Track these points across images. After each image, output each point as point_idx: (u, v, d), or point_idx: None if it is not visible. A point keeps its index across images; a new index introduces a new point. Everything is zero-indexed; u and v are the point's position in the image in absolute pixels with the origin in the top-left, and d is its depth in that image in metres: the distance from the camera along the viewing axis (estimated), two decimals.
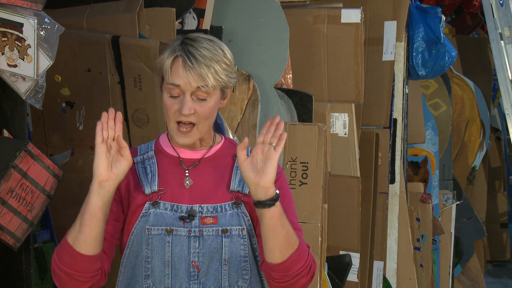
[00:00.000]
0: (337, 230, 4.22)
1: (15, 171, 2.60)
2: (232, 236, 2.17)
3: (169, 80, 2.14)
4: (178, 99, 2.14)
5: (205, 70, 2.11)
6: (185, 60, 2.11)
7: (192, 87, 2.12)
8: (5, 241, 2.62)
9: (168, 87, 2.14)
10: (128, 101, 3.24)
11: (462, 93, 6.52)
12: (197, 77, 2.11)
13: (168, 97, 2.15)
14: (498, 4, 5.66)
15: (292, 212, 2.23)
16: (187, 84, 2.12)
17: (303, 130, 3.68)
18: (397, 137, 4.72)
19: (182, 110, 2.12)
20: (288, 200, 2.23)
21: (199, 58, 2.11)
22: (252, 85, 3.53)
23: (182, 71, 2.11)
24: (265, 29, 3.69)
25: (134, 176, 2.21)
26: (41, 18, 2.54)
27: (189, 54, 2.11)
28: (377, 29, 4.59)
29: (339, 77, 4.23)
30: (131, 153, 2.19)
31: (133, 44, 3.17)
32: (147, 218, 2.17)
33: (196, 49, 2.12)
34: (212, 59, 2.12)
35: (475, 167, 6.77)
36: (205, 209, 2.18)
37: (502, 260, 7.64)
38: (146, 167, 2.22)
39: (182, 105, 2.12)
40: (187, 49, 2.12)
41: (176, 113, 2.14)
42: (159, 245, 2.16)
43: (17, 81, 2.57)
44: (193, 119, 2.14)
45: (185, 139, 2.17)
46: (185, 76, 2.11)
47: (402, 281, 4.75)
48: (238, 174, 2.19)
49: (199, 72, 2.11)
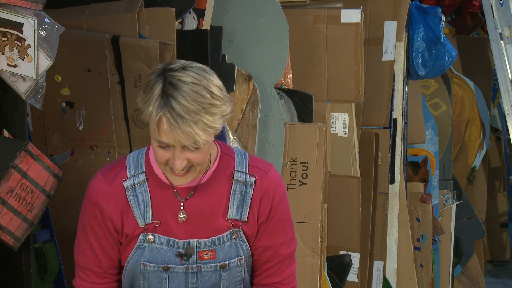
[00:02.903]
0: (337, 230, 4.22)
1: (15, 171, 2.60)
2: (231, 269, 2.13)
3: (157, 137, 1.96)
4: (169, 150, 1.98)
5: (193, 128, 1.92)
6: (170, 120, 1.92)
7: (181, 143, 1.95)
8: (5, 241, 2.62)
9: (157, 140, 1.98)
10: (128, 101, 3.24)
11: (462, 93, 6.52)
12: (186, 137, 1.93)
13: (157, 147, 1.99)
14: (498, 4, 5.66)
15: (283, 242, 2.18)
16: (176, 142, 1.95)
17: (303, 130, 3.68)
18: (397, 137, 4.72)
19: (175, 166, 1.98)
20: (281, 230, 2.17)
21: (185, 115, 1.92)
22: (252, 85, 3.53)
23: (169, 132, 1.93)
24: (265, 29, 3.69)
25: (125, 204, 2.10)
26: (41, 18, 2.54)
27: (172, 112, 1.91)
28: (377, 29, 4.59)
29: (339, 77, 4.23)
30: (119, 171, 2.11)
31: (133, 44, 3.17)
32: (142, 252, 2.10)
33: (179, 102, 1.91)
34: (199, 111, 1.93)
35: (475, 167, 6.77)
36: (202, 244, 2.10)
37: (502, 260, 7.64)
38: (137, 195, 2.10)
39: (174, 160, 1.98)
40: (169, 104, 1.91)
41: (169, 164, 2.00)
42: (156, 280, 2.11)
43: (17, 81, 2.57)
44: (188, 165, 2.01)
45: (181, 181, 2.04)
46: (173, 136, 1.94)
47: (402, 281, 4.75)
48: (236, 200, 2.11)
49: (187, 132, 1.92)
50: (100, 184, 2.11)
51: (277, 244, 2.17)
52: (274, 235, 2.16)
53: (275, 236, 2.17)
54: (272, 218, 2.15)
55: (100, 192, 2.10)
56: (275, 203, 2.15)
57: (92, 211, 2.11)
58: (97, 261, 2.12)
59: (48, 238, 3.07)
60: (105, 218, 2.10)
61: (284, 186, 2.22)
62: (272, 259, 2.18)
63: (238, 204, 2.11)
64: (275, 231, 2.17)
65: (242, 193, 2.12)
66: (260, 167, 2.16)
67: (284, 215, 2.18)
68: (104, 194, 2.10)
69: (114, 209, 2.09)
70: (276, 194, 2.15)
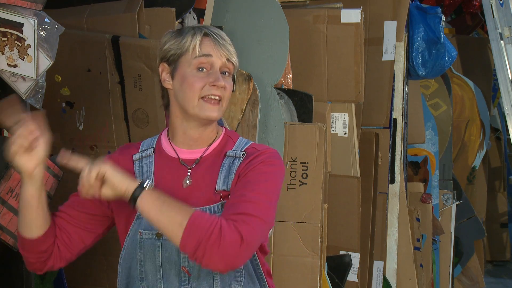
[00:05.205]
0: (337, 230, 4.22)
1: (15, 171, 2.60)
2: None
3: (198, 53, 2.15)
4: (205, 73, 2.15)
5: (230, 47, 2.19)
6: (215, 37, 2.17)
7: (222, 59, 2.16)
8: (5, 241, 2.62)
9: (198, 59, 2.15)
10: (128, 101, 3.24)
11: (462, 93, 6.52)
12: (226, 51, 2.17)
13: (195, 72, 2.15)
14: (498, 4, 5.66)
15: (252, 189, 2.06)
16: (218, 56, 2.16)
17: (303, 130, 3.68)
18: (397, 137, 4.72)
19: (218, 81, 2.14)
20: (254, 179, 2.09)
21: (224, 37, 2.19)
22: (252, 85, 3.53)
23: (214, 45, 2.16)
24: (265, 29, 3.69)
25: (130, 175, 2.18)
26: (41, 18, 2.54)
27: (214, 31, 2.18)
28: (377, 29, 4.59)
29: (339, 77, 4.23)
30: (134, 148, 2.27)
31: (133, 44, 3.17)
32: (140, 221, 2.17)
33: (219, 33, 2.20)
34: (231, 41, 2.21)
35: (475, 167, 6.77)
36: None
37: (502, 260, 7.65)
38: (143, 166, 2.23)
39: (217, 77, 2.15)
40: (208, 28, 2.19)
41: (206, 87, 2.14)
42: (150, 249, 2.15)
43: (17, 81, 2.57)
44: (221, 93, 2.16)
45: (214, 112, 2.15)
46: (217, 50, 2.16)
47: (402, 281, 4.75)
48: (223, 172, 2.16)
49: (227, 48, 2.17)
50: (114, 154, 2.30)
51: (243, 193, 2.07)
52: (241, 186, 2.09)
53: (241, 187, 2.08)
54: (247, 173, 2.11)
55: (112, 158, 2.25)
56: (255, 161, 2.13)
57: None
58: (71, 203, 2.27)
59: None
60: None
61: (277, 156, 2.16)
62: (233, 199, 2.08)
63: (225, 175, 2.16)
64: (243, 185, 2.09)
65: (229, 165, 2.17)
66: (258, 148, 2.20)
67: (261, 175, 2.10)
68: (114, 160, 2.22)
69: None
70: (261, 155, 2.15)
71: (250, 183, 2.10)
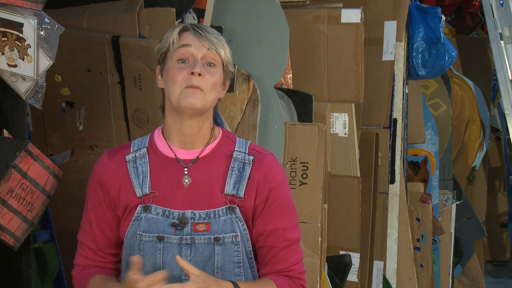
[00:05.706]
0: (337, 230, 4.22)
1: (15, 171, 2.60)
2: (225, 244, 2.14)
3: (178, 44, 2.15)
4: (187, 65, 2.14)
5: (214, 39, 2.16)
6: (195, 29, 2.16)
7: (203, 49, 2.14)
8: (5, 241, 2.62)
9: (178, 51, 2.15)
10: (128, 101, 3.24)
11: (462, 93, 6.52)
12: (208, 42, 2.15)
13: (176, 64, 2.15)
14: (498, 4, 5.66)
15: (287, 227, 2.21)
16: (198, 45, 2.14)
17: (303, 130, 3.68)
18: (397, 137, 4.72)
19: (195, 68, 2.11)
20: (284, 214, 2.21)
21: (208, 30, 2.18)
22: (252, 85, 3.53)
23: (194, 36, 2.15)
24: (265, 29, 3.69)
25: (125, 178, 2.18)
26: (41, 18, 2.54)
27: (196, 27, 2.17)
28: (377, 29, 4.59)
29: (339, 77, 4.23)
30: (123, 149, 2.24)
31: (133, 44, 3.17)
32: (139, 223, 2.15)
33: (201, 26, 2.19)
34: (218, 35, 2.18)
35: (475, 167, 6.77)
36: (197, 216, 2.13)
37: (502, 260, 7.65)
38: (137, 167, 2.19)
39: (195, 65, 2.12)
40: (192, 24, 2.19)
41: (185, 77, 2.12)
42: (150, 251, 2.14)
43: (17, 81, 2.57)
44: (202, 83, 2.13)
45: (194, 98, 2.13)
46: (197, 40, 2.15)
47: (402, 281, 4.75)
48: (233, 176, 2.16)
49: (209, 38, 2.15)
50: (102, 160, 2.24)
51: (282, 228, 2.19)
52: (277, 219, 2.18)
53: (278, 220, 2.18)
54: (273, 202, 2.18)
55: (102, 166, 2.22)
56: (274, 186, 2.18)
57: (94, 186, 2.21)
58: (93, 236, 2.22)
59: (48, 238, 3.07)
60: (104, 193, 2.19)
61: (285, 173, 2.24)
62: (278, 244, 2.19)
63: (235, 180, 2.16)
64: (278, 215, 2.18)
65: (240, 170, 2.17)
66: (260, 151, 2.23)
67: (286, 200, 2.20)
68: (104, 168, 2.21)
69: (112, 183, 2.18)
70: (276, 177, 2.19)
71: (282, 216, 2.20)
